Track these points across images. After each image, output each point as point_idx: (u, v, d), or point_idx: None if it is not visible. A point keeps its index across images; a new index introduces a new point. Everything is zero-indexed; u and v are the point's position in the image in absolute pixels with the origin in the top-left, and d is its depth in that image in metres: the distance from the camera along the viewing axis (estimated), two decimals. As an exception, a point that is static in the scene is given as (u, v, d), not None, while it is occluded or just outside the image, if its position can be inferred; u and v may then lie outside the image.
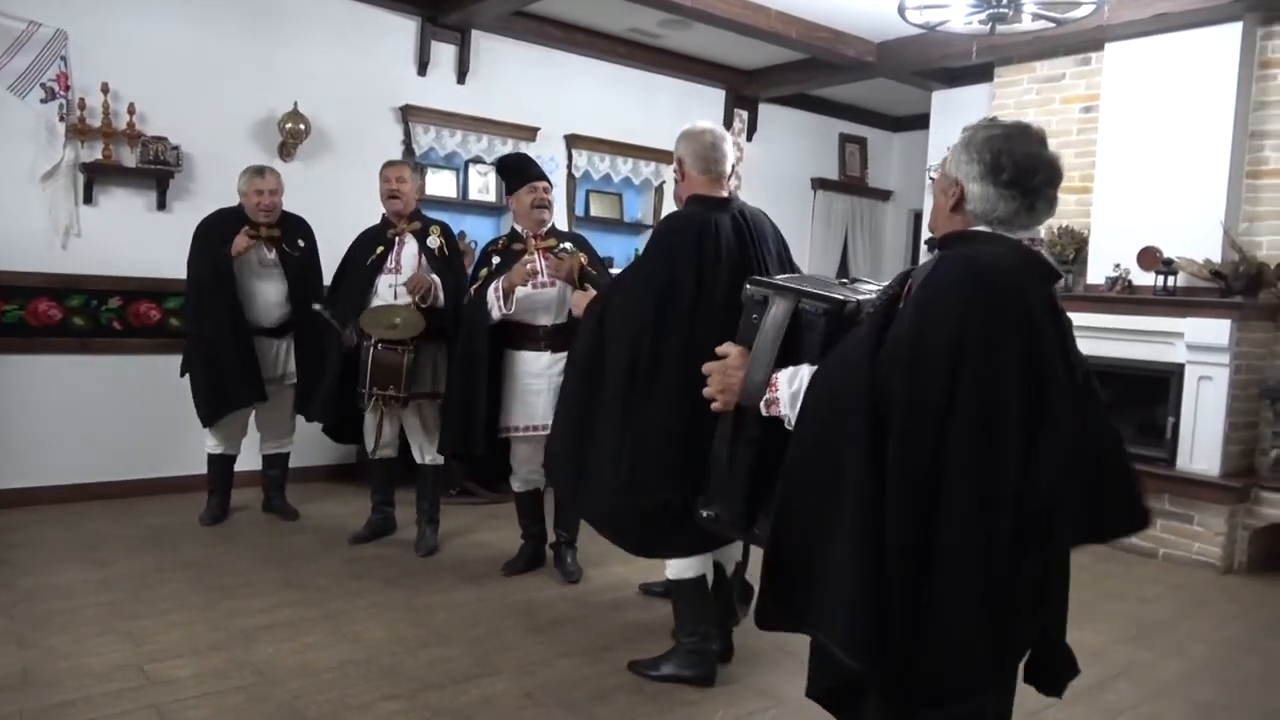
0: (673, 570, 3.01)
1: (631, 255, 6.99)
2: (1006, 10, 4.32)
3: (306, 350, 4.43)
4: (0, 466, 4.56)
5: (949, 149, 1.76)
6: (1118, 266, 5.28)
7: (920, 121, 7.47)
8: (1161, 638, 3.76)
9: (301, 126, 5.23)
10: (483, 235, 6.20)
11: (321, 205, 5.20)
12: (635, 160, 6.72)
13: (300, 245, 4.50)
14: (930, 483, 1.49)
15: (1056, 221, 5.67)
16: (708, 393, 1.88)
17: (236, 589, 3.66)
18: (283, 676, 2.92)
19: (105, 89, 4.66)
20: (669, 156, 6.56)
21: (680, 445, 2.64)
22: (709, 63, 6.93)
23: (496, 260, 3.89)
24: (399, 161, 4.58)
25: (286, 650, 3.11)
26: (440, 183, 6.00)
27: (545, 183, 3.94)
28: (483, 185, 6.24)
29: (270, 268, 4.41)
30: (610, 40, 6.39)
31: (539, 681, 3.00)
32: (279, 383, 4.50)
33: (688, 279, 2.76)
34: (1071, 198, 5.70)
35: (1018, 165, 1.61)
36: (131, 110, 4.74)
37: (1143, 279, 5.19)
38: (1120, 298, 5.23)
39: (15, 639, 3.09)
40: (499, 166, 4.19)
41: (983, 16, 4.37)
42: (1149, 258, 5.14)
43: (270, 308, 4.41)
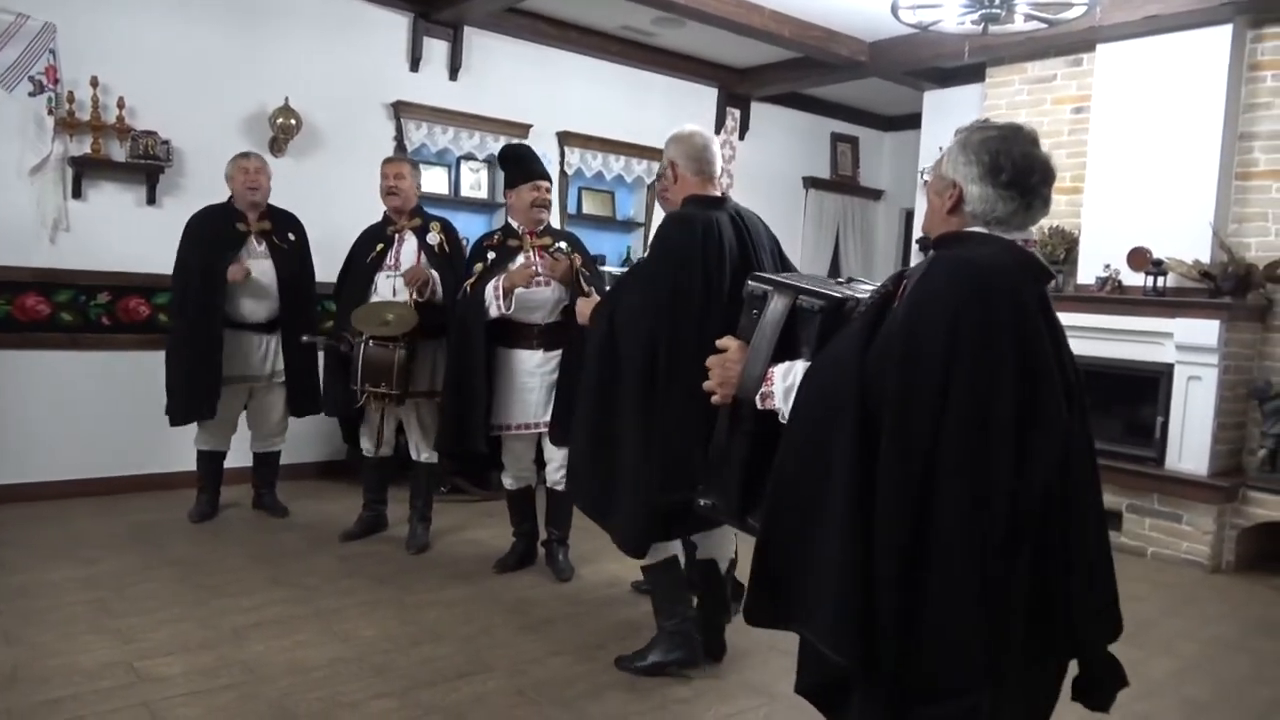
0: (647, 557, 3.01)
1: (624, 253, 7.00)
2: (999, 11, 4.34)
3: (296, 348, 4.40)
4: (-13, 463, 4.53)
5: (941, 150, 1.77)
6: (1108, 267, 5.30)
7: (912, 121, 7.49)
8: (1151, 636, 3.78)
9: (293, 122, 5.20)
10: (474, 232, 6.13)
11: (312, 201, 5.17)
12: (628, 158, 6.71)
13: (290, 239, 4.48)
14: (922, 481, 1.48)
15: (1047, 221, 5.69)
16: (708, 386, 1.89)
17: (226, 586, 3.64)
18: (273, 674, 2.91)
19: (94, 82, 4.63)
20: (660, 155, 6.66)
21: (699, 447, 2.59)
22: (702, 61, 6.93)
23: (492, 256, 3.87)
24: (398, 158, 4.56)
25: (277, 648, 3.10)
26: (432, 179, 5.97)
27: (547, 181, 3.92)
28: (475, 182, 6.22)
29: (260, 259, 4.37)
30: (603, 38, 6.38)
31: (531, 679, 3.00)
32: (268, 380, 4.46)
33: (696, 278, 2.78)
34: (1062, 198, 5.72)
35: (1016, 166, 1.61)
36: (121, 104, 4.71)
37: (1132, 279, 5.22)
38: (1110, 298, 5.25)
39: (3, 636, 3.06)
40: (501, 156, 4.13)
41: (975, 17, 4.38)
42: (1139, 258, 5.17)
43: (260, 302, 4.37)
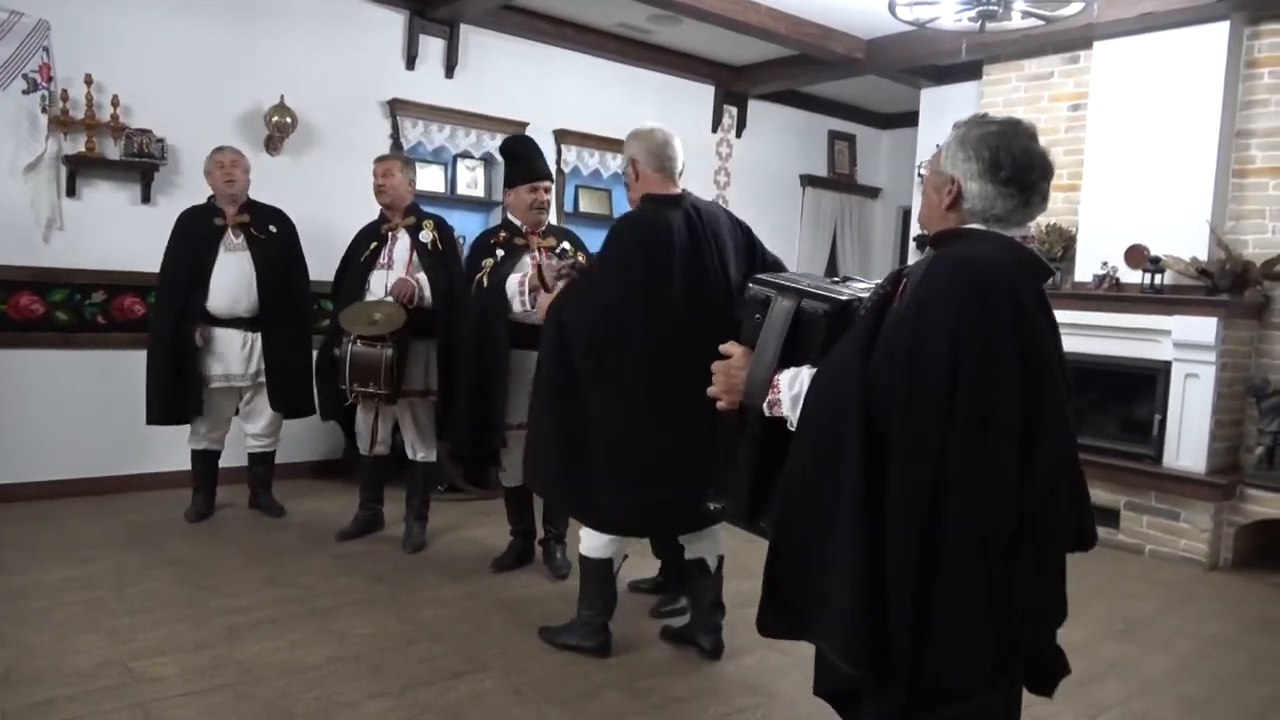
0: (585, 547, 3.11)
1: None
2: (996, 8, 4.33)
3: (274, 344, 4.33)
4: (-19, 462, 4.52)
5: (939, 146, 1.75)
6: (1105, 264, 5.30)
7: (909, 119, 7.48)
8: (1148, 634, 3.78)
9: (288, 120, 5.19)
10: (470, 230, 6.14)
11: (308, 199, 5.17)
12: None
13: (271, 231, 4.39)
14: (933, 483, 1.47)
15: (1045, 219, 5.68)
16: (712, 392, 1.86)
17: (222, 586, 3.63)
18: (269, 674, 2.89)
19: (89, 80, 4.61)
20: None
21: (649, 441, 2.81)
22: (698, 58, 6.91)
23: (501, 254, 3.85)
24: (387, 156, 4.52)
25: (273, 648, 3.09)
26: (428, 177, 5.96)
27: (548, 182, 3.89)
28: (471, 180, 6.20)
29: (237, 252, 4.31)
30: (599, 35, 6.37)
31: (528, 678, 2.99)
32: (253, 380, 4.42)
33: (642, 280, 2.85)
34: (1059, 196, 5.71)
35: (1016, 162, 1.60)
36: (115, 102, 4.69)
37: (1130, 277, 5.22)
38: (1107, 295, 5.25)
39: (-3, 637, 3.05)
40: (504, 149, 4.07)
41: (972, 14, 4.38)
42: (1136, 256, 5.17)
43: (238, 296, 4.29)
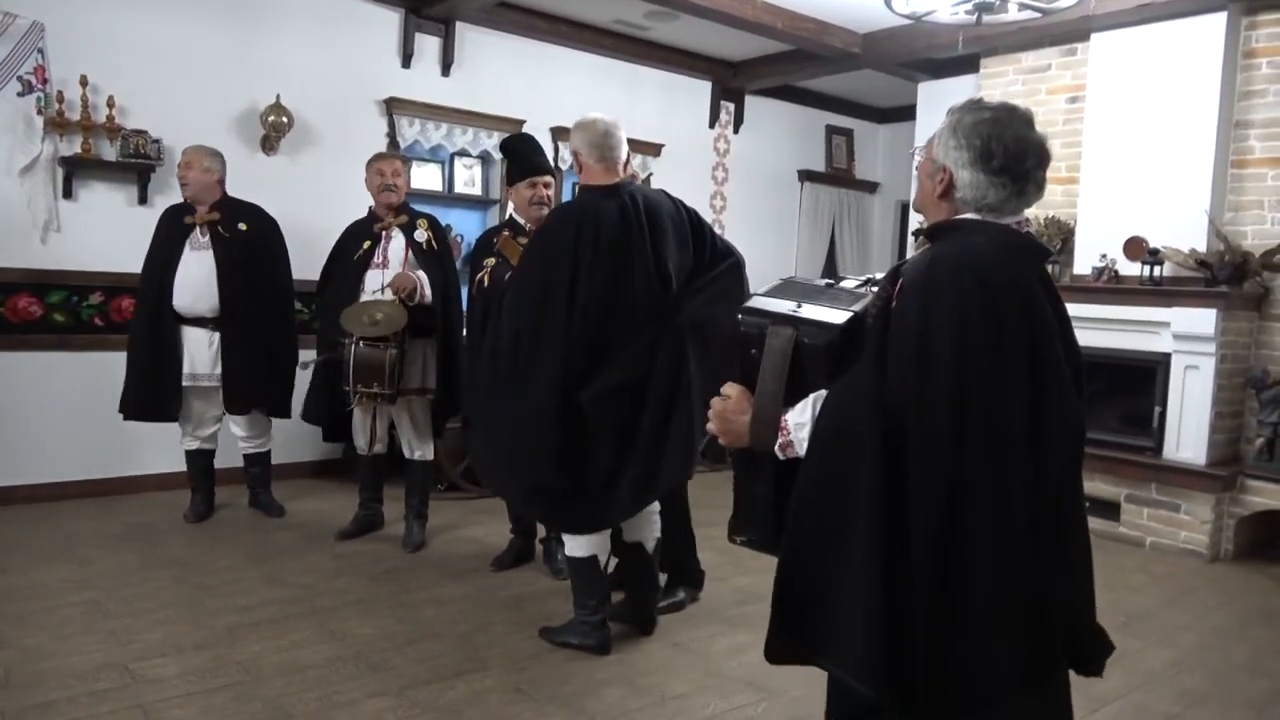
0: (567, 547, 3.18)
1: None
2: (992, 0, 4.32)
3: (232, 343, 4.27)
4: (-20, 465, 4.51)
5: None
6: (1104, 257, 5.29)
7: (906, 113, 7.47)
8: (1149, 626, 3.78)
9: (284, 119, 5.18)
10: (468, 229, 6.16)
11: (305, 199, 5.17)
12: (622, 153, 6.67)
13: (240, 229, 4.30)
14: (950, 484, 1.44)
15: (1043, 212, 5.68)
16: (711, 429, 1.77)
17: (221, 587, 3.62)
18: (269, 674, 2.89)
19: (84, 81, 4.60)
20: (655, 149, 6.68)
21: (554, 434, 2.89)
22: (695, 55, 6.90)
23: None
24: (392, 155, 4.51)
25: (272, 648, 3.09)
26: (425, 176, 5.95)
27: (547, 177, 3.87)
28: (468, 178, 6.19)
29: (201, 250, 4.27)
30: (596, 32, 6.35)
31: (528, 677, 2.98)
32: (219, 380, 4.35)
33: (563, 274, 2.91)
34: (1058, 188, 5.71)
35: (1008, 151, 1.56)
36: (111, 103, 4.68)
37: (1129, 269, 5.20)
38: (1106, 288, 5.24)
39: (-4, 639, 3.05)
40: (503, 147, 4.06)
41: (968, 6, 4.36)
42: (1135, 248, 5.15)
43: (199, 294, 4.23)
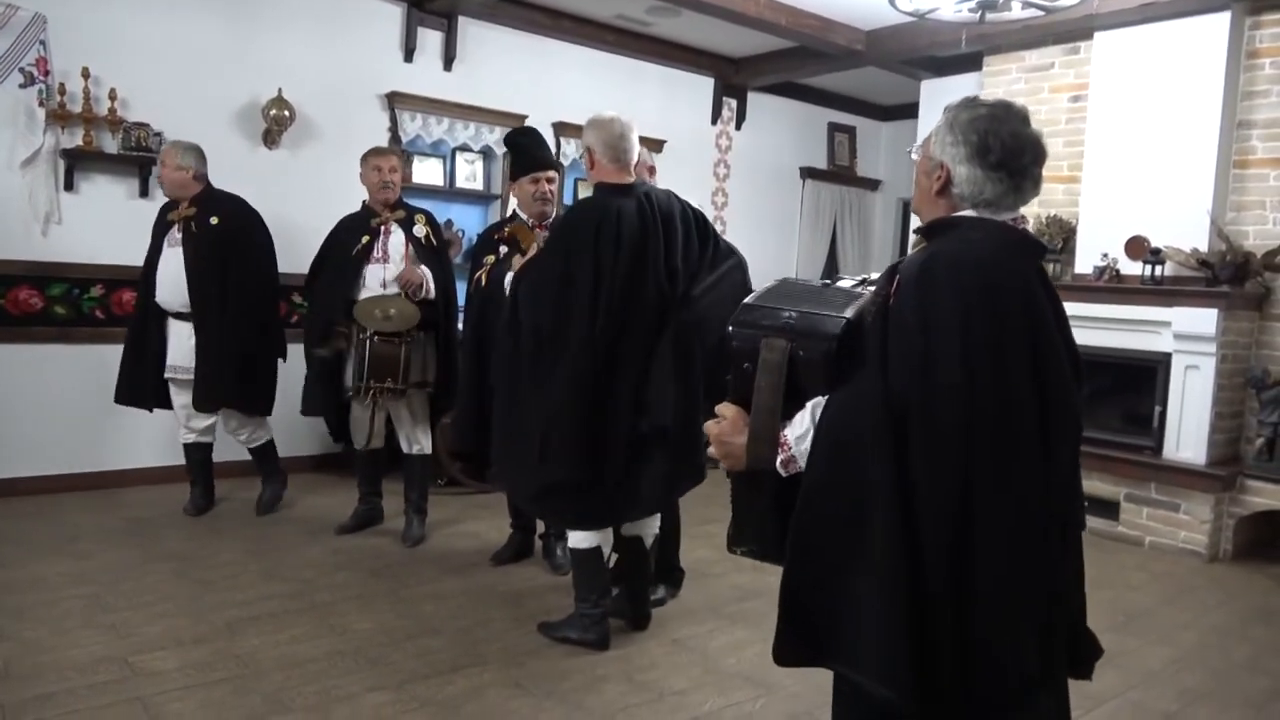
0: (571, 541, 3.20)
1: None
2: (996, -2, 4.31)
3: (203, 339, 4.22)
4: (-20, 457, 4.51)
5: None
6: (1105, 256, 5.28)
7: (909, 111, 7.46)
8: (1148, 625, 3.78)
9: (286, 113, 5.17)
10: (469, 223, 6.16)
11: (306, 193, 5.16)
12: (623, 149, 6.65)
13: (211, 223, 4.24)
14: (961, 484, 1.43)
15: (1045, 211, 5.67)
16: (711, 453, 1.72)
17: (220, 581, 3.62)
18: (268, 668, 2.89)
19: (86, 74, 4.59)
20: (657, 145, 6.66)
21: (581, 427, 2.92)
22: (697, 51, 6.89)
23: (505, 250, 3.85)
24: (389, 150, 4.49)
25: (272, 642, 3.09)
26: (427, 170, 5.94)
27: (550, 172, 3.85)
28: (470, 173, 6.18)
29: (175, 246, 4.26)
30: (598, 27, 6.33)
31: (527, 672, 2.99)
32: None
33: (586, 268, 2.94)
34: (1060, 187, 5.70)
35: (1005, 146, 1.56)
36: (113, 96, 4.67)
37: (1130, 268, 5.20)
38: (1108, 287, 5.23)
39: (-4, 631, 3.05)
40: (506, 141, 4.03)
41: (972, 4, 4.35)
42: (1136, 247, 5.15)
43: (175, 290, 4.23)
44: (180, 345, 4.29)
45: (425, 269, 4.17)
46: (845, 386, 1.53)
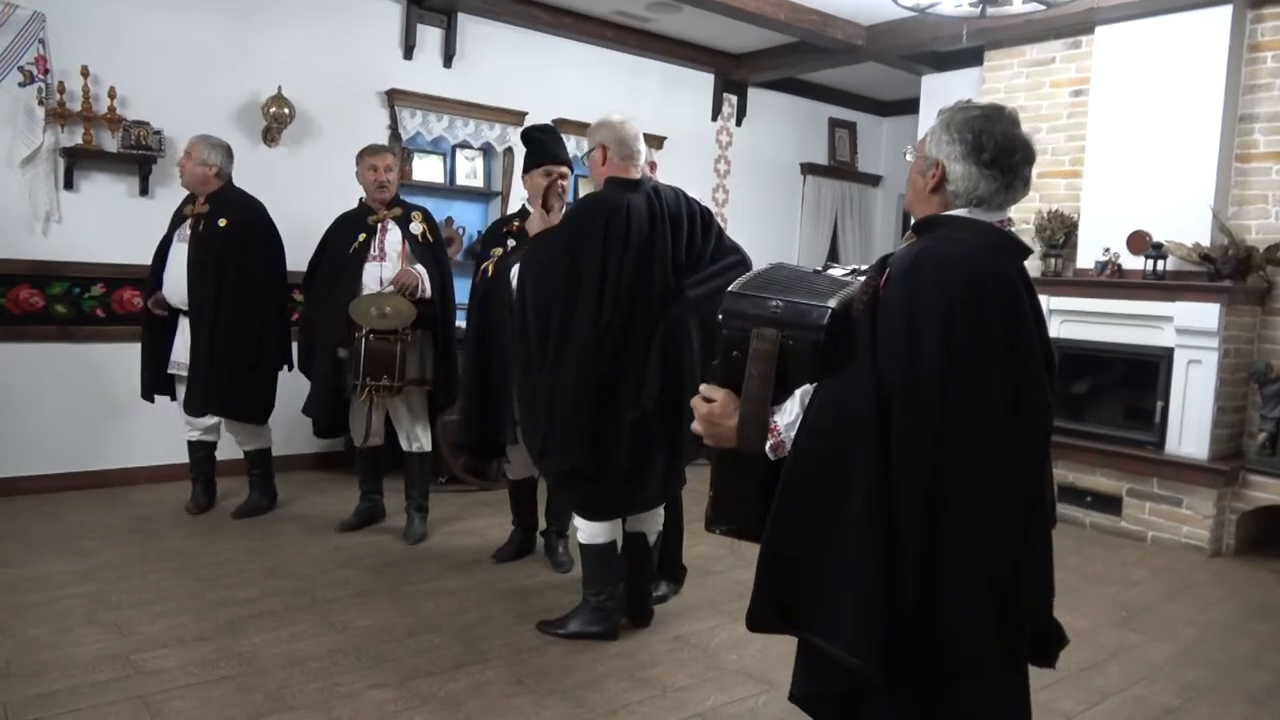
0: (584, 535, 3.19)
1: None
2: (997, -7, 4.30)
3: (196, 340, 4.20)
4: (-18, 456, 4.51)
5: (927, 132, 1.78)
6: (1107, 250, 5.27)
7: (910, 106, 7.45)
8: (1150, 620, 3.78)
9: (285, 111, 5.16)
10: (470, 221, 6.16)
11: (306, 191, 5.16)
12: (624, 145, 6.65)
13: (219, 225, 4.18)
14: (932, 469, 1.50)
15: (1046, 205, 5.66)
16: (695, 430, 1.77)
17: (222, 579, 3.63)
18: (270, 666, 2.89)
19: (85, 72, 4.59)
20: (658, 142, 6.65)
21: (587, 416, 2.95)
22: (697, 46, 6.87)
23: (513, 243, 3.84)
24: (384, 148, 4.46)
25: (274, 640, 3.09)
26: (427, 168, 5.94)
27: (564, 168, 3.81)
28: (470, 170, 6.18)
29: (182, 243, 4.25)
30: (598, 24, 6.32)
31: (529, 669, 2.99)
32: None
33: (594, 261, 2.98)
34: (1061, 182, 5.69)
35: (998, 145, 1.64)
36: (112, 94, 4.66)
37: (1132, 263, 5.19)
38: (1110, 282, 5.22)
39: (-2, 630, 3.05)
40: (525, 135, 3.98)
41: (973, -1, 4.34)
42: (1138, 241, 5.14)
43: (178, 287, 4.23)
44: (184, 341, 4.29)
45: (421, 268, 4.17)
46: (835, 373, 1.61)
